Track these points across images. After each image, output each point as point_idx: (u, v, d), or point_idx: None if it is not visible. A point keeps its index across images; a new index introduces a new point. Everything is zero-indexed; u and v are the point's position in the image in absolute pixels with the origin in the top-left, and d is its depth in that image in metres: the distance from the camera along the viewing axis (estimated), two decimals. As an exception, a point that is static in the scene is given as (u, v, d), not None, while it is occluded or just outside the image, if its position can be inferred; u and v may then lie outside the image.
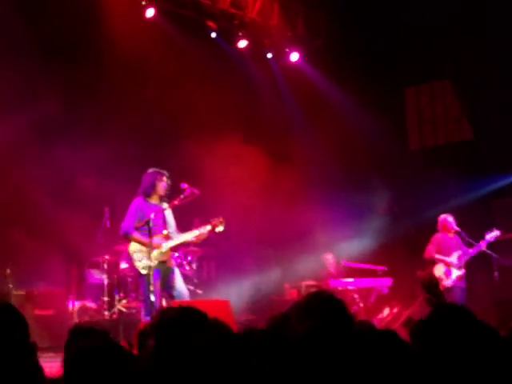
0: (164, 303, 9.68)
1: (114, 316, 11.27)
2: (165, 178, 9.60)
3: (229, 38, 13.77)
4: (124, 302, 11.52)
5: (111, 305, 11.47)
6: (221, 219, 9.52)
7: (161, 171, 9.63)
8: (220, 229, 9.53)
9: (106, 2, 11.90)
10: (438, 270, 11.70)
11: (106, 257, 11.75)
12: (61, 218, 11.56)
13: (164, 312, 3.82)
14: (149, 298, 8.91)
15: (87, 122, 12.24)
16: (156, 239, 9.24)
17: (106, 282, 11.63)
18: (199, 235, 9.52)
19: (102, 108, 12.49)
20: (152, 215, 9.04)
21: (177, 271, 9.60)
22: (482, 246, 11.55)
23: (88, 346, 3.22)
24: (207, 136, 13.13)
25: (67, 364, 3.20)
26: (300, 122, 14.87)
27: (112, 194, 11.63)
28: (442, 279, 11.61)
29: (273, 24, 13.94)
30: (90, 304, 11.54)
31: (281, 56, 14.65)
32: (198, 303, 8.07)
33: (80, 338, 4.02)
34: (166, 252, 9.36)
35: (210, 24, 13.21)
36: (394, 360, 3.48)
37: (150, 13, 12.46)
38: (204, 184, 10.28)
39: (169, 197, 9.63)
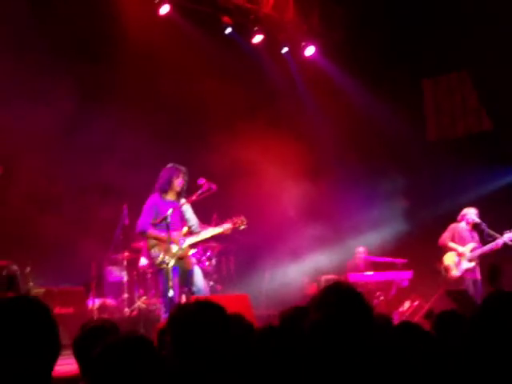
0: (184, 299, 9.66)
1: (134, 313, 11.27)
2: (181, 175, 9.56)
3: (244, 32, 13.74)
4: (144, 298, 11.53)
5: (131, 302, 11.48)
6: (242, 218, 9.53)
7: (178, 167, 9.60)
8: (241, 228, 9.55)
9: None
10: (449, 259, 11.62)
11: (126, 254, 11.76)
12: (80, 215, 11.60)
13: (181, 307, 3.80)
14: (167, 294, 8.91)
15: (102, 119, 12.24)
16: (174, 235, 9.24)
17: (125, 279, 11.64)
18: (220, 233, 9.55)
19: (116, 104, 12.47)
20: (170, 211, 9.02)
21: (196, 267, 9.60)
22: (499, 244, 11.45)
23: (115, 341, 3.12)
24: (223, 130, 13.13)
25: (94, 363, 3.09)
26: (317, 115, 14.83)
27: (131, 192, 11.64)
28: (450, 268, 11.54)
29: (288, 18, 13.91)
30: (110, 301, 11.55)
31: (296, 50, 14.60)
32: (216, 298, 8.06)
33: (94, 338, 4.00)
34: (184, 248, 9.35)
35: (225, 19, 13.18)
36: (417, 350, 3.45)
37: (164, 8, 12.44)
38: (219, 178, 10.24)
39: (186, 192, 9.61)
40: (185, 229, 9.45)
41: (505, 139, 14.14)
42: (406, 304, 12.69)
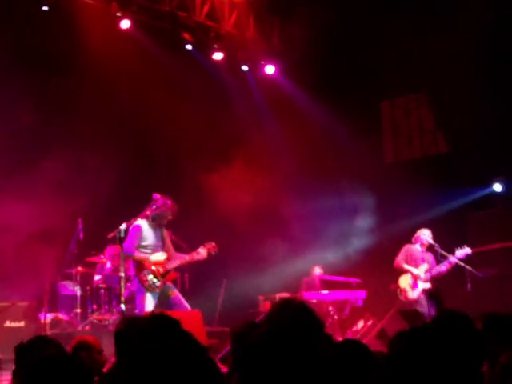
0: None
1: (87, 328, 11.18)
2: (174, 210, 9.71)
3: (204, 50, 13.77)
4: (97, 313, 11.45)
5: (84, 317, 11.39)
6: (214, 244, 9.69)
7: (173, 204, 9.70)
8: (213, 253, 9.71)
9: (81, 13, 11.84)
10: (404, 281, 11.75)
11: (79, 268, 11.69)
12: (33, 229, 11.48)
13: (127, 321, 3.79)
14: (122, 309, 8.96)
15: (60, 133, 12.19)
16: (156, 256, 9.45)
17: (78, 293, 11.56)
18: (197, 259, 9.73)
19: (75, 119, 12.44)
20: (123, 226, 8.99)
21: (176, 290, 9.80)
22: (452, 262, 11.59)
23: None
24: (181, 147, 13.14)
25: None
26: (275, 134, 14.88)
27: (84, 206, 11.58)
28: (406, 291, 11.66)
29: (248, 36, 13.98)
30: (63, 316, 11.44)
31: (256, 68, 14.67)
32: (168, 314, 8.03)
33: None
34: (168, 272, 9.56)
35: (186, 36, 13.19)
36: (358, 368, 3.49)
37: (125, 24, 12.40)
38: (178, 196, 10.24)
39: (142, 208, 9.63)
40: (161, 254, 9.60)
41: (460, 162, 14.35)
42: (360, 323, 12.74)
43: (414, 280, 11.68)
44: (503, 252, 13.04)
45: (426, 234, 11.94)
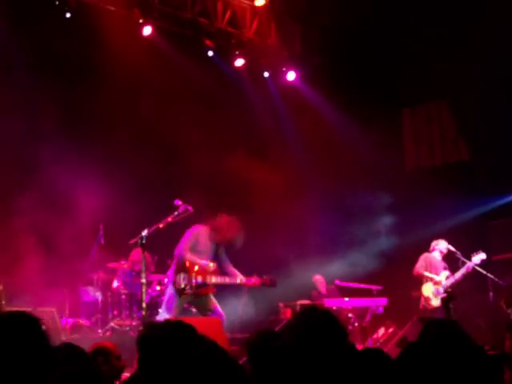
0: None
1: (108, 333, 11.20)
2: (236, 227, 9.81)
3: (226, 56, 13.81)
4: (117, 319, 11.47)
5: (105, 322, 11.42)
6: (272, 278, 9.76)
7: (239, 226, 9.76)
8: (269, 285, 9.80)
9: (104, 19, 11.91)
10: (428, 289, 11.71)
11: (100, 274, 11.72)
12: (55, 235, 11.52)
13: (151, 327, 3.79)
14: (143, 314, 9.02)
15: (83, 140, 12.24)
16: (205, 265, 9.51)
17: (99, 299, 11.59)
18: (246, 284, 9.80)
19: (97, 126, 12.49)
20: (145, 232, 9.02)
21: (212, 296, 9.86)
22: (469, 268, 11.55)
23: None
24: (204, 153, 13.14)
25: None
26: (296, 141, 14.87)
27: (107, 211, 11.61)
28: (430, 299, 11.62)
29: (270, 43, 14.01)
30: (84, 321, 11.47)
31: (277, 75, 14.68)
32: (189, 320, 8.04)
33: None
34: (207, 285, 9.62)
35: (208, 43, 13.23)
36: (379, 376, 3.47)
37: (147, 31, 12.47)
38: (196, 204, 10.25)
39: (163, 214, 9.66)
40: (211, 264, 9.64)
41: (481, 169, 14.27)
42: (381, 331, 12.69)
43: (436, 287, 11.64)
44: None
45: (443, 243, 11.94)
